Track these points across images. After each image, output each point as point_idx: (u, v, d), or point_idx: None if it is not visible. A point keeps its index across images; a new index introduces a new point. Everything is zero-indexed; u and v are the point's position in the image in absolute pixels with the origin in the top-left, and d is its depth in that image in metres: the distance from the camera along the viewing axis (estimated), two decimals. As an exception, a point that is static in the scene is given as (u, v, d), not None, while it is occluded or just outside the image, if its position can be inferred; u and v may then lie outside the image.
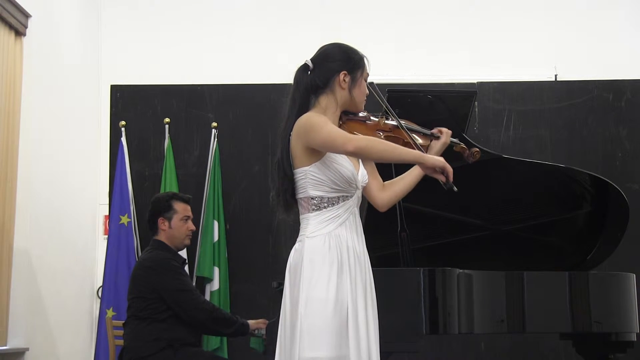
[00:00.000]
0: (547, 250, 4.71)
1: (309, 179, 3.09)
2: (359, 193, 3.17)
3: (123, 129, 6.38)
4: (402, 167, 3.30)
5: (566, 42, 6.81)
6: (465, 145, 3.60)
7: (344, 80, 3.16)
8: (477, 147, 3.68)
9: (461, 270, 3.95)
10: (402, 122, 3.34)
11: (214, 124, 6.46)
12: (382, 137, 3.21)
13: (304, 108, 3.17)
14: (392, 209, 4.10)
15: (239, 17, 6.88)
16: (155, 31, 6.87)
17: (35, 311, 5.63)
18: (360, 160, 3.24)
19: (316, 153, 3.06)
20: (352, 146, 2.95)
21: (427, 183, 4.27)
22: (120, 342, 4.92)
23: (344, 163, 3.08)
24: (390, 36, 6.78)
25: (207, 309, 4.71)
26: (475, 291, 3.99)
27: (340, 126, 3.18)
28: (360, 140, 2.98)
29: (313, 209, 3.11)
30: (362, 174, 3.20)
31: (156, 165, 6.47)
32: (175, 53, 6.82)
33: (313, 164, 3.07)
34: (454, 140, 3.53)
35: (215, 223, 6.22)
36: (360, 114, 3.26)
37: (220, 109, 6.57)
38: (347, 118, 3.21)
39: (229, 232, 6.33)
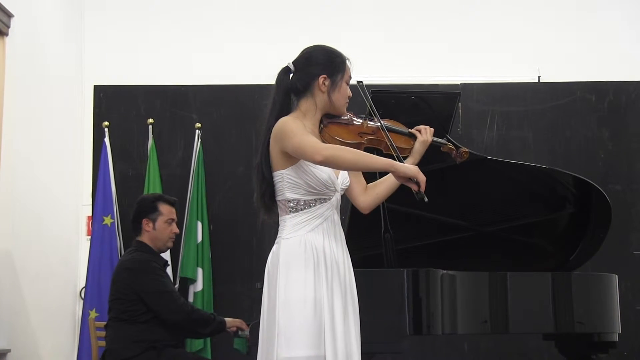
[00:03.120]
0: (530, 251, 4.73)
1: (286, 182, 3.11)
2: (338, 196, 3.19)
3: (106, 130, 6.36)
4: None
5: (549, 43, 6.84)
6: (453, 145, 3.61)
7: (324, 84, 3.17)
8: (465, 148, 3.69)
9: (445, 271, 3.95)
10: (387, 123, 3.35)
11: (198, 124, 6.45)
12: (364, 140, 3.22)
13: (284, 111, 3.19)
14: (376, 210, 4.10)
15: (224, 18, 6.87)
16: (139, 31, 6.85)
17: (17, 312, 5.60)
18: None
19: (292, 157, 3.08)
20: (321, 156, 2.95)
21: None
22: (103, 343, 4.90)
23: (321, 166, 3.08)
24: (374, 37, 6.78)
25: (186, 310, 4.71)
26: (459, 292, 3.99)
27: (321, 130, 3.19)
28: (329, 149, 2.98)
29: (290, 211, 3.13)
30: (343, 177, 3.22)
31: (140, 165, 6.46)
32: (159, 54, 6.80)
33: (289, 167, 3.09)
34: (440, 140, 3.54)
35: (199, 224, 6.21)
36: (343, 117, 3.26)
37: (204, 110, 6.57)
38: (328, 121, 3.21)
39: (212, 233, 6.32)
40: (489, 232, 4.62)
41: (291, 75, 3.21)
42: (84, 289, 6.21)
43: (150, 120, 6.47)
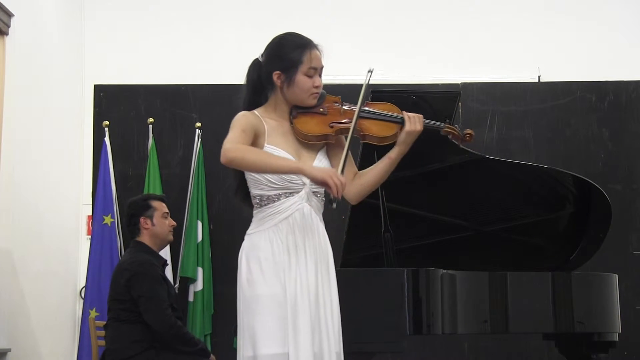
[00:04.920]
0: (530, 251, 4.72)
1: (250, 179, 3.06)
2: (308, 189, 3.05)
3: (106, 129, 6.37)
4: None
5: (549, 43, 6.83)
6: (457, 127, 3.40)
7: (279, 80, 3.10)
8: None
9: (445, 271, 3.95)
10: (375, 108, 3.18)
11: (198, 124, 6.45)
12: (333, 131, 3.10)
13: (253, 105, 3.15)
14: (376, 209, 4.11)
15: (223, 18, 6.87)
16: (139, 31, 6.85)
17: (17, 312, 5.60)
18: (322, 152, 3.14)
19: None
20: (224, 158, 2.89)
21: (411, 183, 4.29)
22: (103, 342, 4.91)
23: None
24: (374, 37, 6.78)
25: (169, 323, 4.65)
26: (459, 292, 3.99)
27: (291, 121, 3.11)
28: (233, 152, 2.88)
29: (256, 207, 3.07)
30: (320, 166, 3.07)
31: (140, 165, 6.46)
32: (159, 53, 6.80)
33: None
34: (436, 123, 3.34)
35: (199, 223, 6.21)
36: (317, 107, 3.14)
37: (204, 109, 6.56)
38: (297, 112, 3.12)
39: (212, 233, 6.32)
40: (489, 232, 4.62)
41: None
42: (84, 289, 6.21)
43: (151, 120, 6.47)
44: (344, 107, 3.15)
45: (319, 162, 3.10)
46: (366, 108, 3.18)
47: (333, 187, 2.85)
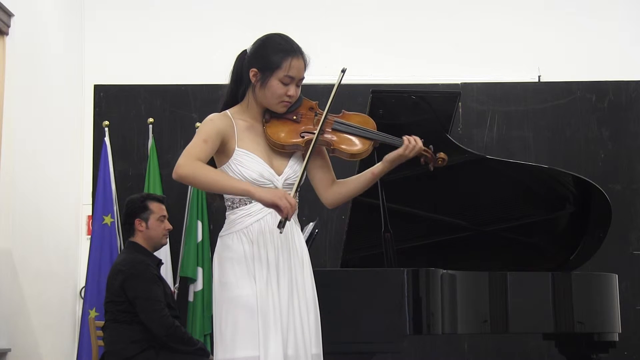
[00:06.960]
0: (530, 251, 4.72)
1: None
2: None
3: (106, 129, 6.37)
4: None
5: (549, 43, 6.84)
6: (431, 149, 3.27)
7: (254, 77, 3.04)
8: (442, 153, 3.32)
9: (445, 271, 3.95)
10: (352, 121, 3.09)
11: (198, 124, 6.44)
12: (303, 142, 3.03)
13: (231, 100, 3.13)
14: (376, 209, 4.11)
15: (224, 18, 6.87)
16: (139, 31, 6.85)
17: (17, 312, 5.60)
18: (295, 157, 3.07)
19: (223, 155, 2.98)
20: (176, 174, 2.87)
21: (410, 184, 4.29)
22: (103, 342, 4.90)
23: (248, 163, 2.97)
24: (374, 36, 6.78)
25: (166, 324, 4.62)
26: (459, 291, 3.99)
27: (263, 124, 3.06)
28: (186, 168, 2.85)
29: (228, 208, 3.04)
30: (290, 172, 3.03)
31: (140, 165, 6.46)
32: (159, 53, 6.81)
33: (223, 165, 3.00)
34: None
35: (199, 223, 6.21)
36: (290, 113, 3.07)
37: (204, 109, 6.56)
38: (270, 117, 3.07)
39: (212, 233, 6.31)
40: (489, 232, 4.62)
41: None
42: (84, 289, 6.21)
43: (151, 120, 6.48)
44: (318, 117, 3.07)
45: (290, 169, 3.05)
46: (340, 120, 3.11)
47: (284, 210, 2.81)
